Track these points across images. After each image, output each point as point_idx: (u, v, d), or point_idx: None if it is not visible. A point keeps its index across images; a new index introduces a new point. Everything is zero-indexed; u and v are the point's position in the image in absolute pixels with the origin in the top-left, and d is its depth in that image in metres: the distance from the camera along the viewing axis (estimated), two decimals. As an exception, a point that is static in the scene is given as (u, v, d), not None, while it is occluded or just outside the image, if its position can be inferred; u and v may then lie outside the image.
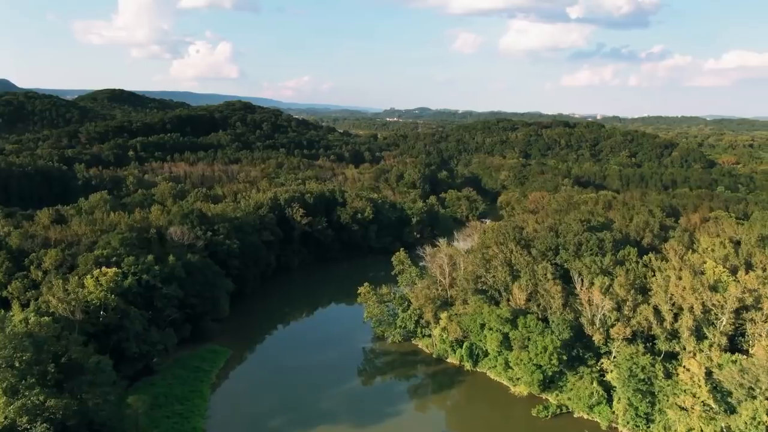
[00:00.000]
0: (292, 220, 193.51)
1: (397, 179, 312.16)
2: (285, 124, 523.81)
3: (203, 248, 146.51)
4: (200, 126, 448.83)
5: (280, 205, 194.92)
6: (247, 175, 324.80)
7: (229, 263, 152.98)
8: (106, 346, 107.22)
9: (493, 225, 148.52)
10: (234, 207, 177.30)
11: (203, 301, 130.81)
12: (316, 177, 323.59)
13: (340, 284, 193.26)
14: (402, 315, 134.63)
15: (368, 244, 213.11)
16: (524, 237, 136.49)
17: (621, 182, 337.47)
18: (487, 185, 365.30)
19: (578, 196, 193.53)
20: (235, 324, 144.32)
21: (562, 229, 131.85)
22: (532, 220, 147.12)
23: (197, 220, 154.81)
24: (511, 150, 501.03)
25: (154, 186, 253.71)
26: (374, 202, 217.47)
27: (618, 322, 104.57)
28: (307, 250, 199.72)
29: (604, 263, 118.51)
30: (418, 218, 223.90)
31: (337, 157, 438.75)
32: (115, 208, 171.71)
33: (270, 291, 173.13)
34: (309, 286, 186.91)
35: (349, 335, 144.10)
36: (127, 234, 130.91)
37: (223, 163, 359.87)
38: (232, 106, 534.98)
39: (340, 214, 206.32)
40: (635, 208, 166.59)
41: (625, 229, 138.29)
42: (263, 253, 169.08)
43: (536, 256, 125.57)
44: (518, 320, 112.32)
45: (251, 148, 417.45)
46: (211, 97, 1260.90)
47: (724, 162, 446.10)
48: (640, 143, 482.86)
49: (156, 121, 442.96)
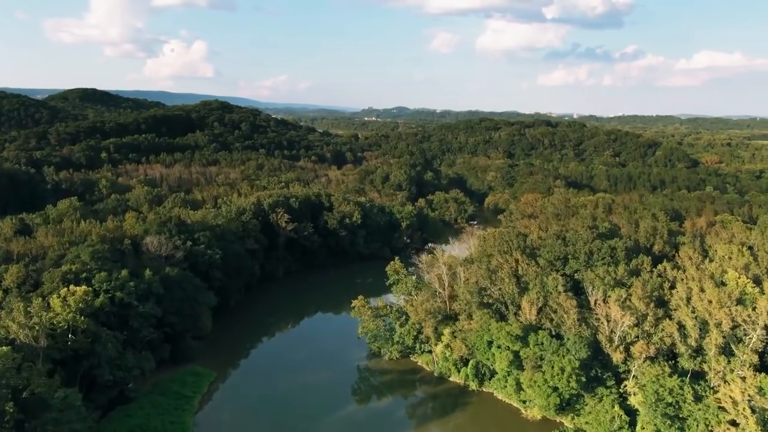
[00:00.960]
0: (277, 226, 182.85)
1: (383, 181, 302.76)
2: (264, 124, 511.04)
3: (183, 259, 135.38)
4: (176, 126, 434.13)
5: (264, 210, 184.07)
6: (227, 177, 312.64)
7: (211, 275, 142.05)
8: (76, 374, 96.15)
9: (494, 232, 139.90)
10: (215, 213, 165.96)
11: (183, 318, 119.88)
12: (298, 179, 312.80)
13: (328, 293, 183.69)
14: (400, 330, 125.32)
15: (356, 250, 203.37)
16: (529, 245, 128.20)
17: (609, 182, 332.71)
18: (473, 186, 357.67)
19: (576, 199, 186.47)
20: (219, 341, 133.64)
21: (570, 236, 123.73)
22: (535, 226, 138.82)
23: (176, 229, 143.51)
24: (494, 150, 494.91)
25: (128, 190, 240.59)
26: (362, 206, 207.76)
27: (639, 340, 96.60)
28: (292, 257, 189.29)
29: (618, 274, 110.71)
30: (407, 222, 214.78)
31: (318, 158, 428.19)
32: (86, 216, 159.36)
33: (255, 302, 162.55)
34: (296, 295, 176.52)
35: (341, 352, 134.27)
36: (99, 246, 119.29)
37: (201, 165, 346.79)
38: (209, 105, 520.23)
39: (327, 219, 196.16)
40: (637, 211, 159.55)
41: (633, 236, 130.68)
42: (247, 262, 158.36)
43: (544, 266, 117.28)
44: (529, 337, 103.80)
45: (230, 149, 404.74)
46: (187, 97, 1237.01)
47: (707, 161, 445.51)
48: (623, 143, 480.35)
49: (130, 121, 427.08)
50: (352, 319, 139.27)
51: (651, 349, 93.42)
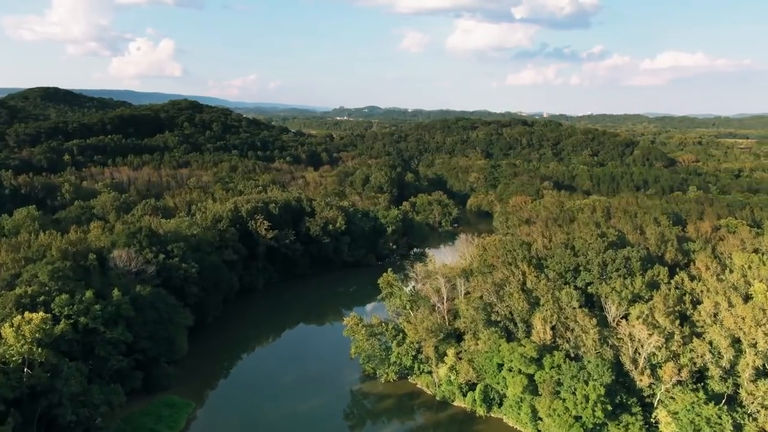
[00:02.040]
0: (256, 234, 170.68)
1: (363, 183, 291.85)
2: (236, 124, 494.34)
3: (155, 275, 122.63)
4: (144, 127, 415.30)
5: (242, 217, 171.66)
6: (198, 180, 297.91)
7: (186, 291, 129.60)
8: (33, 415, 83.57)
9: (494, 240, 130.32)
10: (189, 222, 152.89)
11: (157, 342, 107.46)
12: (274, 181, 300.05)
13: (312, 305, 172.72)
14: (397, 350, 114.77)
15: (340, 258, 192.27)
16: (534, 255, 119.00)
17: (592, 183, 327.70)
18: (454, 187, 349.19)
19: (571, 203, 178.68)
20: (197, 364, 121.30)
21: (579, 245, 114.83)
22: (537, 234, 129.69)
23: (146, 241, 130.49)
24: (472, 150, 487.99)
25: (93, 195, 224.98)
26: (345, 211, 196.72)
27: (667, 361, 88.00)
28: (273, 266, 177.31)
29: (636, 287, 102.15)
30: (393, 228, 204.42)
31: (293, 159, 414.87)
32: (46, 227, 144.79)
33: (234, 317, 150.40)
34: (278, 308, 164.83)
35: (332, 373, 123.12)
36: (60, 263, 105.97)
37: (171, 167, 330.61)
38: (178, 105, 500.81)
39: (309, 225, 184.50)
40: (638, 216, 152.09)
41: (643, 243, 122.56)
42: (225, 275, 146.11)
43: (553, 279, 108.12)
44: (544, 359, 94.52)
45: (201, 150, 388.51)
46: (155, 96, 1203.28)
47: (685, 160, 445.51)
48: (601, 142, 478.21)
49: (95, 121, 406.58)
50: (339, 332, 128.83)
51: (684, 373, 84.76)
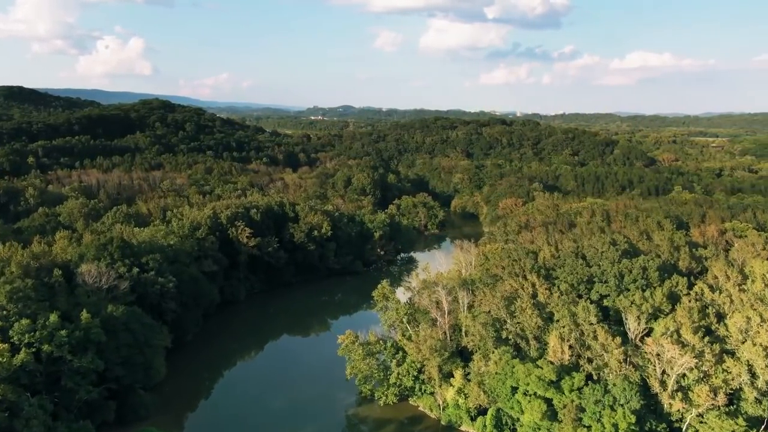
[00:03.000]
0: (237, 242, 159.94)
1: (345, 185, 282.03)
2: (210, 124, 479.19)
3: (129, 291, 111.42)
4: (114, 127, 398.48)
5: (222, 224, 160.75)
6: (172, 183, 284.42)
7: (163, 307, 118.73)
8: (-12, 462, 72.44)
9: (497, 248, 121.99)
10: (165, 231, 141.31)
11: (132, 368, 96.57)
12: (251, 183, 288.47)
13: (298, 316, 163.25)
14: (396, 370, 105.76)
15: (326, 266, 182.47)
16: (542, 265, 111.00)
17: (576, 183, 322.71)
18: (436, 188, 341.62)
19: (567, 206, 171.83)
20: (176, 389, 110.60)
21: (591, 255, 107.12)
22: (542, 241, 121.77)
23: (119, 253, 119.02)
24: (452, 149, 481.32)
25: (60, 200, 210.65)
26: (330, 216, 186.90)
27: (699, 383, 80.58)
28: (255, 276, 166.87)
29: (656, 300, 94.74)
30: (380, 232, 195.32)
31: (270, 160, 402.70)
32: (6, 238, 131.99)
33: (215, 333, 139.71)
34: (262, 321, 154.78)
35: (325, 394, 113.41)
36: (20, 282, 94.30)
37: (143, 170, 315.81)
38: (149, 104, 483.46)
39: (293, 231, 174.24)
40: (639, 220, 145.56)
41: (654, 251, 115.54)
42: (205, 288, 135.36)
43: (565, 292, 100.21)
44: (563, 382, 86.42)
45: (174, 151, 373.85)
46: (124, 96, 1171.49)
47: (664, 159, 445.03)
48: (581, 141, 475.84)
49: (61, 121, 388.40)
50: (329, 346, 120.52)
51: (721, 398, 77.37)
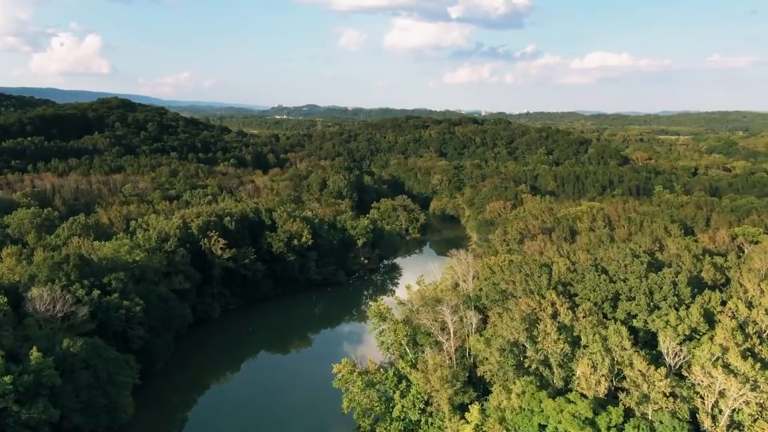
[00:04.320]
0: (210, 255, 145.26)
1: (321, 188, 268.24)
2: (173, 124, 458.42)
3: (88, 318, 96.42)
4: (70, 127, 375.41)
5: (193, 234, 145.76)
6: (135, 187, 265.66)
7: (129, 334, 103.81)
8: None
9: (502, 260, 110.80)
10: (130, 245, 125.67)
11: (93, 413, 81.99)
12: (220, 186, 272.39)
13: (280, 333, 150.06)
14: (401, 402, 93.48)
15: (307, 277, 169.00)
16: (557, 279, 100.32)
17: (556, 183, 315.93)
18: (414, 189, 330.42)
19: (564, 210, 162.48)
20: (145, 427, 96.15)
21: (613, 268, 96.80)
22: (552, 251, 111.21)
23: (76, 272, 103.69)
24: (425, 149, 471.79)
25: (11, 208, 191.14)
26: (310, 223, 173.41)
27: (759, 418, 70.69)
28: (230, 291, 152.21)
29: (692, 320, 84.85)
30: (364, 239, 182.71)
31: (237, 161, 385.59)
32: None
33: (187, 358, 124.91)
34: (239, 341, 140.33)
35: (318, 430, 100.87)
36: (-46, 315, 78.76)
37: (103, 173, 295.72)
38: (108, 103, 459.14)
39: (271, 241, 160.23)
40: (643, 225, 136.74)
41: (675, 261, 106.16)
42: (177, 308, 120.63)
43: (589, 311, 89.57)
44: (598, 418, 75.48)
45: (136, 152, 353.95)
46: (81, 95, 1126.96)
47: (638, 158, 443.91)
48: (555, 140, 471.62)
49: (12, 121, 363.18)
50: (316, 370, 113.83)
51: (788, 439, 67.54)
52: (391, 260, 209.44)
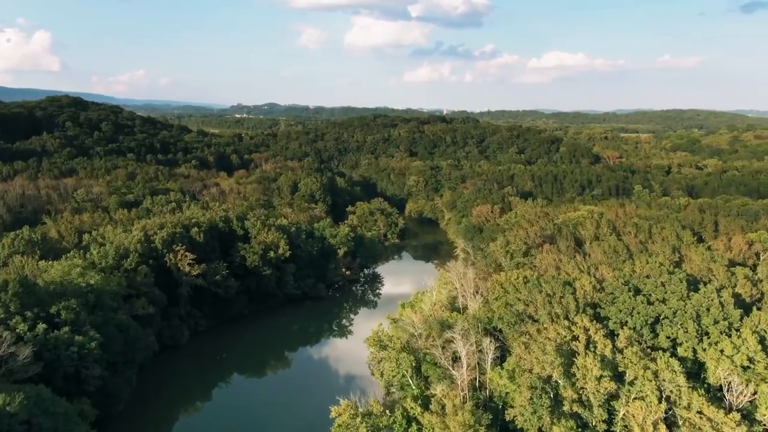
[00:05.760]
0: (177, 271, 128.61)
1: (292, 191, 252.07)
2: (129, 124, 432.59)
3: (32, 360, 79.45)
4: (16, 127, 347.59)
5: (156, 249, 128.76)
6: (88, 191, 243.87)
7: (83, 375, 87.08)
8: None
9: (513, 276, 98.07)
10: (83, 265, 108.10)
11: (39, 486, 65.60)
12: (182, 190, 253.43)
13: (255, 354, 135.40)
14: (412, 450, 79.93)
15: (284, 292, 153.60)
16: (582, 299, 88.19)
17: (534, 183, 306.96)
18: (387, 191, 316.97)
19: (563, 216, 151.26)
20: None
21: (648, 287, 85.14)
22: (571, 266, 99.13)
23: (18, 302, 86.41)
24: (395, 148, 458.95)
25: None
26: (286, 232, 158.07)
27: None
28: (200, 311, 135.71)
29: (750, 348, 73.78)
30: (345, 248, 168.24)
31: (199, 163, 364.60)
32: None
33: (153, 391, 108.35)
34: (211, 369, 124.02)
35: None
36: None
37: (52, 177, 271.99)
38: (58, 101, 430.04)
39: (244, 254, 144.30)
40: (653, 232, 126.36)
41: (707, 275, 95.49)
42: (139, 337, 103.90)
43: (629, 340, 77.67)
44: (658, 473, 63.53)
45: (89, 154, 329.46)
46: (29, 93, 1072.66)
47: (609, 157, 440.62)
48: (526, 139, 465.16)
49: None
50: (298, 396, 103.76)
51: None
52: (372, 269, 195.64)
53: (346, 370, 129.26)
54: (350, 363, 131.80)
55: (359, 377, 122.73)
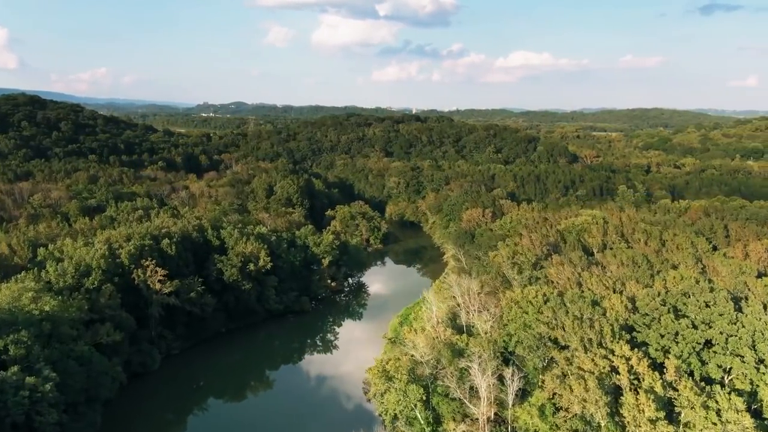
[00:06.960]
0: (146, 289, 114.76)
1: (267, 195, 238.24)
2: (91, 123, 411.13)
3: (-28, 411, 65.67)
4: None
5: (123, 264, 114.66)
6: (46, 197, 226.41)
7: (36, 423, 73.33)
8: None
9: (532, 295, 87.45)
10: (36, 288, 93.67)
11: None
12: (149, 194, 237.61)
13: (235, 375, 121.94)
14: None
15: (265, 307, 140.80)
16: (621, 324, 78.06)
17: (516, 183, 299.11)
18: (365, 193, 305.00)
19: (565, 221, 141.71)
20: None
21: (691, 308, 75.47)
22: (593, 281, 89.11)
23: (-45, 338, 72.18)
24: (370, 148, 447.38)
25: None
26: (266, 241, 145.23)
27: None
28: (173, 332, 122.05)
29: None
30: (330, 258, 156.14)
31: (166, 164, 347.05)
32: None
33: (121, 428, 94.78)
34: (188, 399, 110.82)
35: None
36: None
37: (6, 181, 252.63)
38: (13, 100, 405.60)
39: (221, 267, 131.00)
40: (666, 239, 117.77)
41: (743, 290, 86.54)
42: (104, 370, 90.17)
43: (679, 372, 67.83)
44: None
45: (47, 156, 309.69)
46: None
47: (586, 156, 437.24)
48: (503, 138, 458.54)
49: None
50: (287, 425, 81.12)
51: None
52: (357, 278, 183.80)
53: (333, 388, 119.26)
54: (338, 380, 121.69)
55: (347, 396, 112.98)
